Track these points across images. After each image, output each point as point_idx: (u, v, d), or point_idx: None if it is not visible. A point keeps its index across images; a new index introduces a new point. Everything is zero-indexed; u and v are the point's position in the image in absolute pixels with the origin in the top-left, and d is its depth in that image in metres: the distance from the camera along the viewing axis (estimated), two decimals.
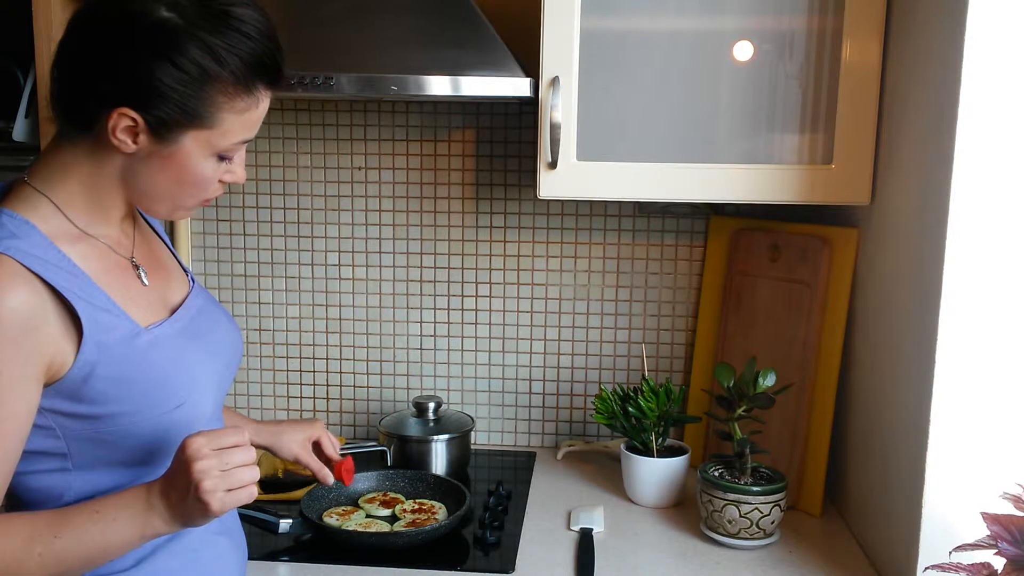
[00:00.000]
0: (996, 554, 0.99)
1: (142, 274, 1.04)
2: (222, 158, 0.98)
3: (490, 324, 1.85)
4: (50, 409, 0.92)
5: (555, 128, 1.42)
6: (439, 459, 1.68)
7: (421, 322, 1.86)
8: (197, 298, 1.11)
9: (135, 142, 0.93)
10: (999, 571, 0.99)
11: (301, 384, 1.91)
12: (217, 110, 0.94)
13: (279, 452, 1.32)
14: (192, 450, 0.89)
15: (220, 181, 1.01)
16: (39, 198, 0.96)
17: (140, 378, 0.95)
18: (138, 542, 0.92)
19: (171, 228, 1.84)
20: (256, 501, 1.49)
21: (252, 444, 1.29)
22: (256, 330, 1.89)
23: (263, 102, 0.98)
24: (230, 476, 0.90)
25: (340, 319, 1.88)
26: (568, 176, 1.46)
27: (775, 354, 1.60)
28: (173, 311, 1.05)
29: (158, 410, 0.96)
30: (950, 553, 1.04)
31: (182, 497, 0.90)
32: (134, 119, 0.92)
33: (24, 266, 0.88)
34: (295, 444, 1.32)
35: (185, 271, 1.15)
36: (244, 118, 0.96)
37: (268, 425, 1.33)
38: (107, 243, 1.00)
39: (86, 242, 0.98)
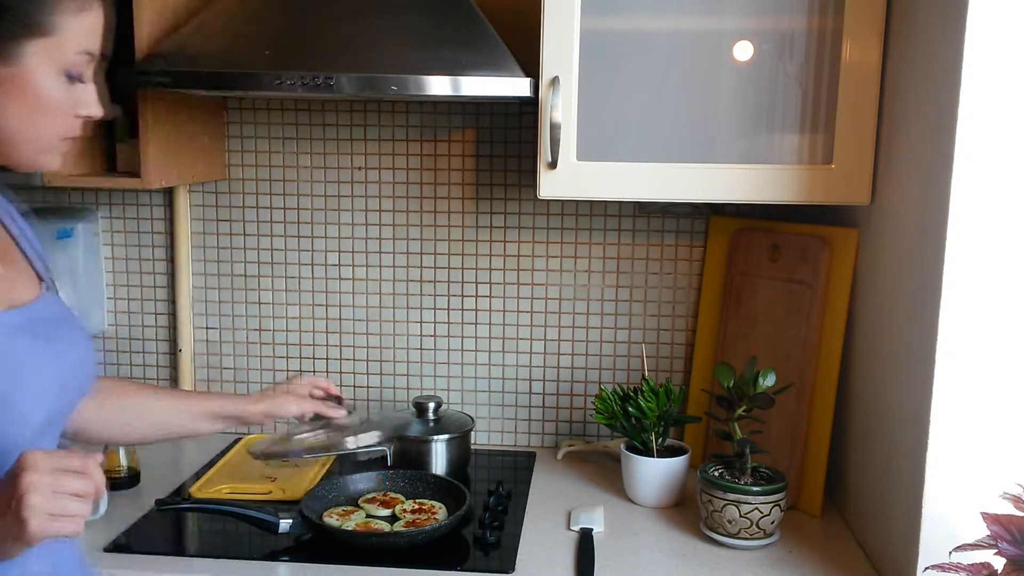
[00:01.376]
0: (996, 554, 0.99)
1: None
2: (70, 77, 0.93)
3: (490, 324, 1.85)
4: None
5: (555, 128, 1.42)
6: (439, 459, 1.68)
7: (421, 322, 1.86)
8: (49, 305, 1.03)
9: None
10: (999, 571, 0.99)
11: None
12: (53, 14, 0.90)
13: (281, 413, 1.33)
14: (27, 462, 0.82)
15: (77, 116, 0.95)
16: None
17: None
18: None
19: (171, 228, 1.85)
20: (256, 501, 1.49)
21: (252, 414, 1.30)
22: (256, 330, 1.89)
23: (96, 7, 0.94)
24: (59, 500, 0.81)
25: (340, 319, 1.88)
26: (568, 176, 1.46)
27: (775, 354, 1.60)
28: (14, 308, 0.97)
29: None
30: (950, 553, 1.04)
31: (2, 511, 0.81)
32: None
33: None
34: (292, 405, 1.33)
35: (43, 279, 1.07)
36: (82, 22, 0.92)
37: (258, 394, 1.34)
38: None
39: None
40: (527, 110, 1.78)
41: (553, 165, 1.44)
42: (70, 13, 0.91)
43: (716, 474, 1.44)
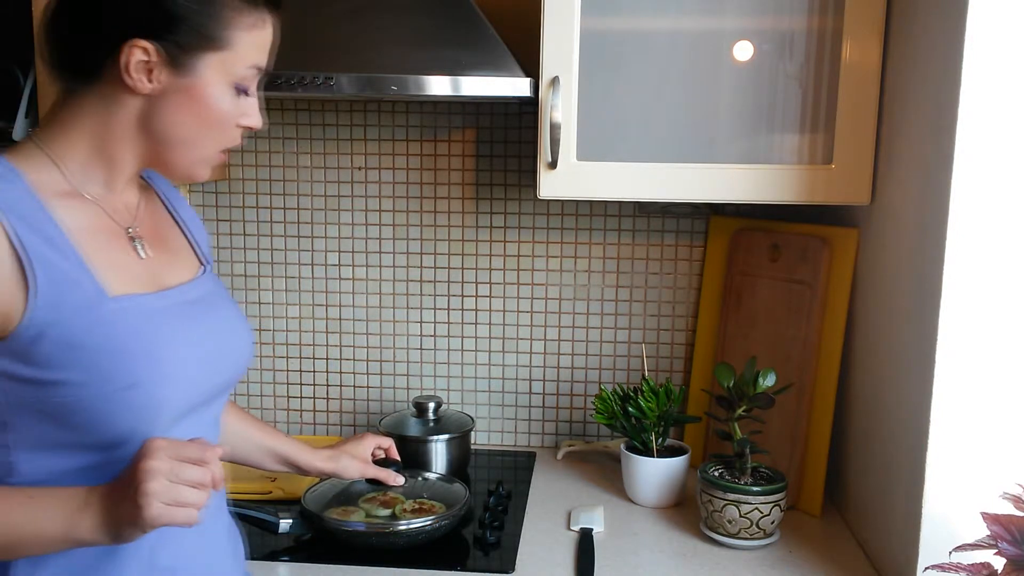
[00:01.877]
0: (996, 554, 0.99)
1: (139, 246, 0.99)
2: (239, 90, 0.97)
3: (490, 324, 1.85)
4: None
5: (555, 128, 1.42)
6: (439, 459, 1.68)
7: (421, 322, 1.86)
8: (201, 286, 1.05)
9: (150, 79, 0.92)
10: (999, 571, 0.99)
11: (301, 384, 1.91)
12: (228, 28, 0.93)
13: (344, 476, 1.37)
14: (149, 449, 0.84)
15: (238, 126, 0.99)
16: (37, 152, 0.94)
17: (93, 345, 0.88)
18: (60, 544, 0.86)
19: None
20: (256, 501, 1.49)
21: (315, 470, 1.33)
22: (256, 330, 1.89)
23: (269, 25, 0.98)
24: (176, 489, 0.83)
25: (340, 319, 1.88)
26: (568, 176, 1.46)
27: (775, 354, 1.60)
28: (162, 290, 0.99)
29: (109, 385, 0.88)
30: (950, 553, 1.04)
31: (122, 496, 0.84)
32: (147, 49, 0.90)
33: None
34: (355, 468, 1.37)
35: (203, 261, 1.10)
36: (255, 38, 0.96)
37: (326, 452, 1.36)
38: (103, 207, 0.97)
39: (77, 200, 0.94)
40: (527, 110, 1.78)
41: (553, 165, 1.44)
42: (244, 29, 0.95)
43: (716, 474, 1.45)
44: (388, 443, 1.45)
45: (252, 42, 0.96)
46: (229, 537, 1.11)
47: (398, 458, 1.45)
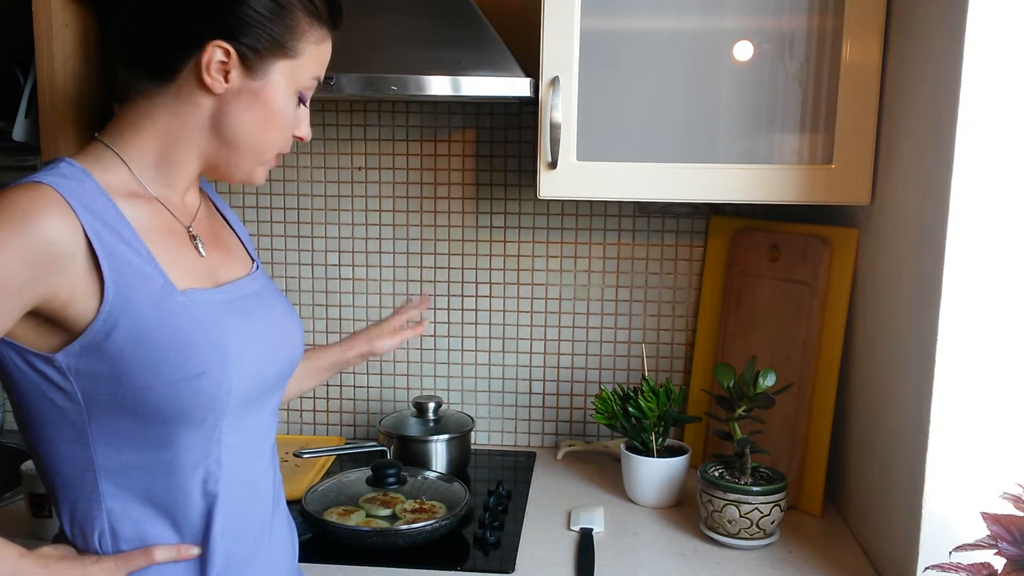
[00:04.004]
0: (996, 554, 0.99)
1: (199, 244, 1.03)
2: (300, 99, 1.02)
3: (490, 324, 1.85)
4: (73, 369, 0.90)
5: (555, 128, 1.42)
6: (439, 459, 1.68)
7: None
8: (254, 282, 1.08)
9: (227, 80, 0.96)
10: (999, 571, 0.99)
11: None
12: (299, 39, 0.99)
13: (381, 351, 1.39)
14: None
15: (293, 136, 1.04)
16: (106, 152, 0.98)
17: (163, 338, 0.91)
18: None
19: None
20: None
21: (350, 358, 1.38)
22: None
23: (330, 41, 1.04)
24: None
25: (340, 319, 1.88)
26: (568, 176, 1.46)
27: (775, 354, 1.60)
28: (220, 285, 1.03)
29: (179, 374, 0.92)
30: (950, 553, 1.04)
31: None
32: (227, 51, 0.95)
33: (65, 201, 0.88)
34: (389, 343, 1.40)
35: (252, 259, 1.14)
36: (319, 51, 1.02)
37: (355, 338, 1.39)
38: (167, 206, 1.01)
39: (145, 200, 0.98)
40: (527, 110, 1.78)
41: (553, 165, 1.44)
42: (313, 42, 1.01)
43: (716, 474, 1.45)
44: (409, 312, 1.46)
45: (317, 54, 1.02)
46: (288, 528, 1.15)
47: (426, 301, 1.48)
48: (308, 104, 1.05)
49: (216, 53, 0.95)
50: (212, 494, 0.98)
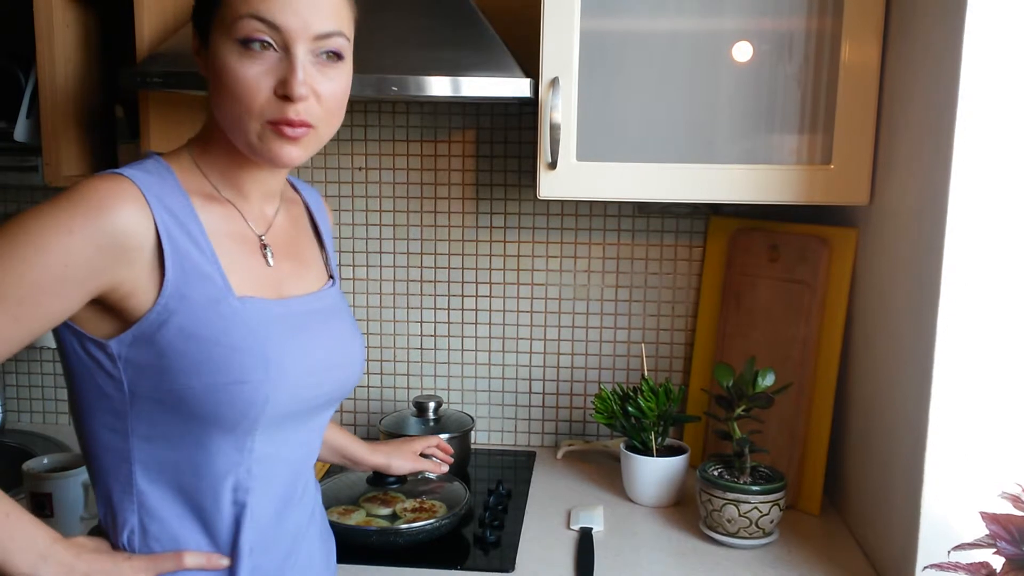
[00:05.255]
0: (995, 553, 0.99)
1: (268, 254, 1.01)
2: (245, 46, 0.90)
3: (490, 324, 1.86)
4: (123, 358, 0.91)
5: (555, 128, 1.42)
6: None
7: (421, 322, 1.87)
8: (321, 300, 1.06)
9: (202, 60, 0.97)
10: (998, 570, 0.99)
11: None
12: None
13: (394, 471, 1.37)
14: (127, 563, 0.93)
15: (276, 95, 0.92)
16: (186, 155, 0.99)
17: (210, 339, 0.91)
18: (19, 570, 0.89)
19: None
20: None
21: (368, 465, 1.36)
22: None
23: None
24: None
25: None
26: (568, 176, 1.46)
27: (775, 354, 1.60)
28: (281, 298, 1.01)
29: (220, 378, 0.91)
30: (949, 552, 1.05)
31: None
32: (194, 34, 0.96)
33: (142, 194, 0.89)
34: (406, 466, 1.38)
35: (332, 276, 1.12)
36: None
37: (381, 448, 1.38)
38: (242, 213, 1.00)
39: (220, 204, 0.98)
40: (527, 110, 1.78)
41: (553, 165, 1.44)
42: None
43: (715, 473, 1.45)
44: (436, 441, 1.45)
45: None
46: (322, 543, 1.13)
47: (450, 450, 1.45)
48: (298, 60, 0.92)
49: (194, 38, 0.96)
50: (241, 503, 0.97)
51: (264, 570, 1.00)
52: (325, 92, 0.94)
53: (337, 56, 0.96)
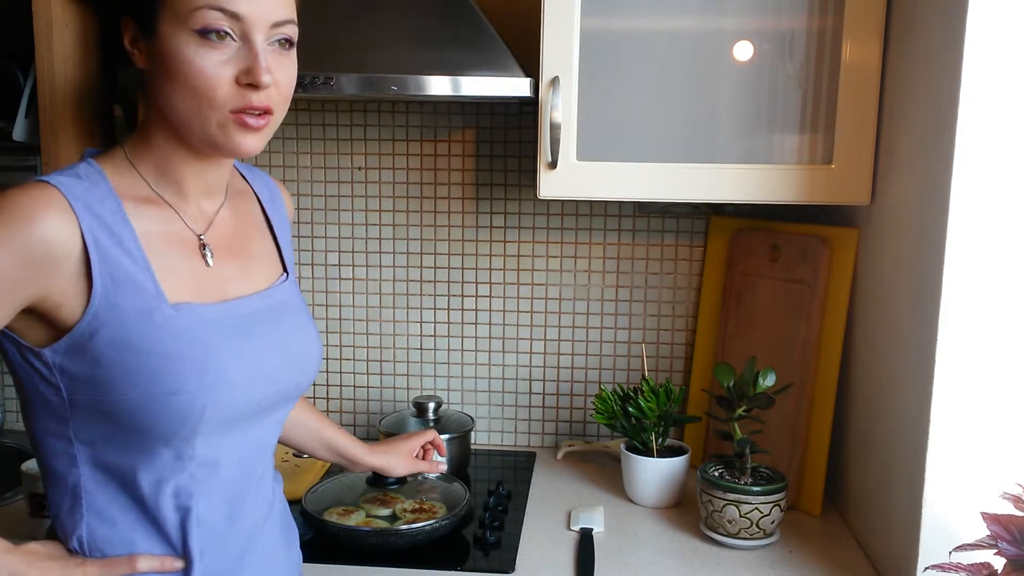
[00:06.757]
0: (996, 554, 0.99)
1: (208, 254, 0.99)
2: (202, 36, 0.89)
3: (490, 324, 1.85)
4: (58, 367, 0.90)
5: (555, 128, 1.42)
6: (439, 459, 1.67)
7: (421, 322, 1.87)
8: (270, 297, 1.04)
9: (142, 54, 0.93)
10: (999, 571, 0.99)
11: None
12: None
13: (392, 473, 1.37)
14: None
15: (240, 84, 0.91)
16: (121, 155, 0.97)
17: (143, 349, 0.90)
18: None
19: None
20: None
21: (364, 465, 1.35)
22: None
23: None
24: None
25: (340, 319, 1.88)
26: (568, 176, 1.46)
27: (775, 354, 1.60)
28: (223, 301, 0.99)
29: (155, 388, 0.90)
30: (950, 553, 1.04)
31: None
32: (128, 23, 0.93)
33: (68, 203, 0.88)
34: (403, 466, 1.37)
35: (287, 272, 1.10)
36: None
37: (379, 447, 1.38)
38: (179, 213, 0.98)
39: (156, 205, 0.96)
40: (527, 110, 1.78)
41: (553, 165, 1.44)
42: None
43: (716, 474, 1.45)
44: (433, 435, 1.44)
45: None
46: (282, 534, 1.12)
47: (444, 453, 1.46)
48: (258, 48, 0.91)
49: (127, 29, 0.93)
50: (185, 508, 0.96)
51: (218, 571, 0.99)
52: (282, 79, 0.94)
53: (290, 43, 0.96)
